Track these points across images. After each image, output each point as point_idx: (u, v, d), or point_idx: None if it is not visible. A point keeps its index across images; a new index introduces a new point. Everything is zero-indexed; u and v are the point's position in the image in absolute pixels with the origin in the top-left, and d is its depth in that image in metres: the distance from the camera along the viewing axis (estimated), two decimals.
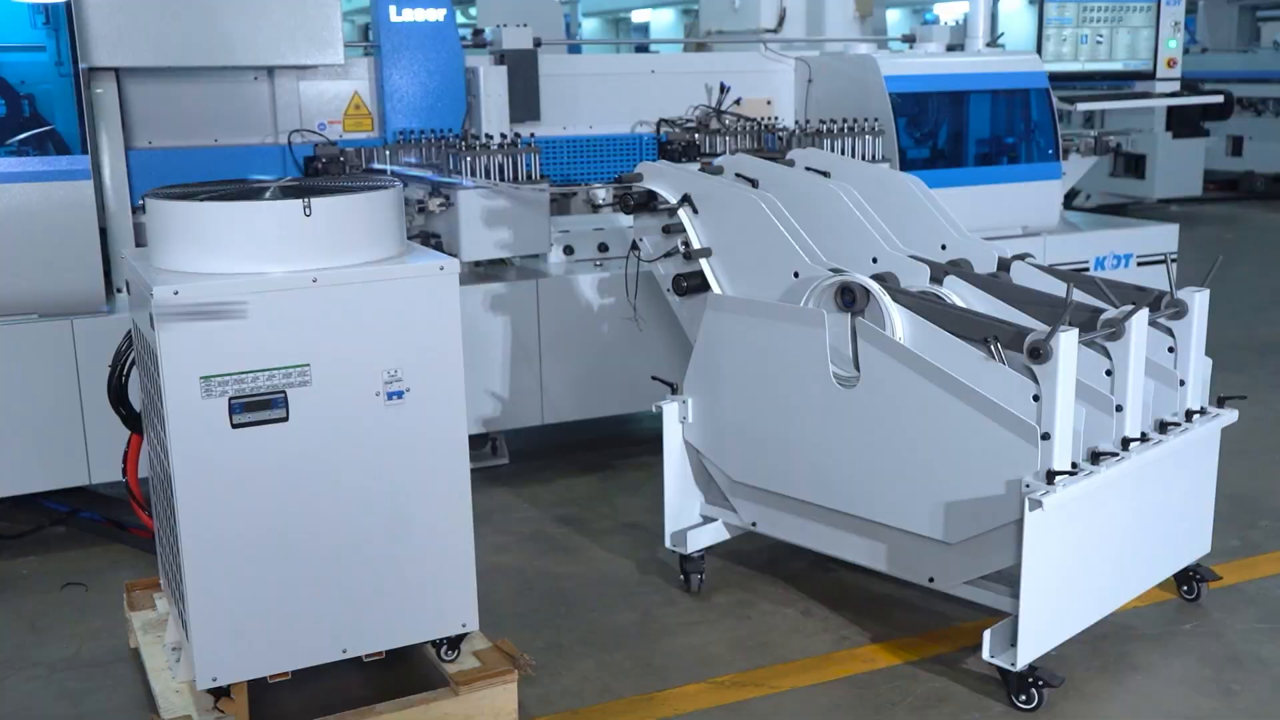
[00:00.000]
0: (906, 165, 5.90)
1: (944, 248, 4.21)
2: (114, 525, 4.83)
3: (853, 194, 4.19)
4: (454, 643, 3.47)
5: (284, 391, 3.10)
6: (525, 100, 5.70)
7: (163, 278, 3.06)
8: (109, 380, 3.87)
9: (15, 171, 4.44)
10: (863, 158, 5.77)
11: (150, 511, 3.69)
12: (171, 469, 3.06)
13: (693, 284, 4.28)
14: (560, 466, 5.68)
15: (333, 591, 3.24)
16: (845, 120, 5.88)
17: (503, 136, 5.14)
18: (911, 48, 6.89)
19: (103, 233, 4.55)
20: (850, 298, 3.70)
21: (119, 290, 4.47)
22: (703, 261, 4.18)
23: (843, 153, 5.72)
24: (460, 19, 5.33)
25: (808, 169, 4.53)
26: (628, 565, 4.57)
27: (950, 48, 6.73)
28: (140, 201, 3.45)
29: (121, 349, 3.82)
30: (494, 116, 5.57)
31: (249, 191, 3.28)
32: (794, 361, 3.84)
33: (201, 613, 3.12)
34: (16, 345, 4.53)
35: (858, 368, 3.70)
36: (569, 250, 5.55)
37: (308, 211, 3.10)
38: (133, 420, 3.90)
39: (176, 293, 2.98)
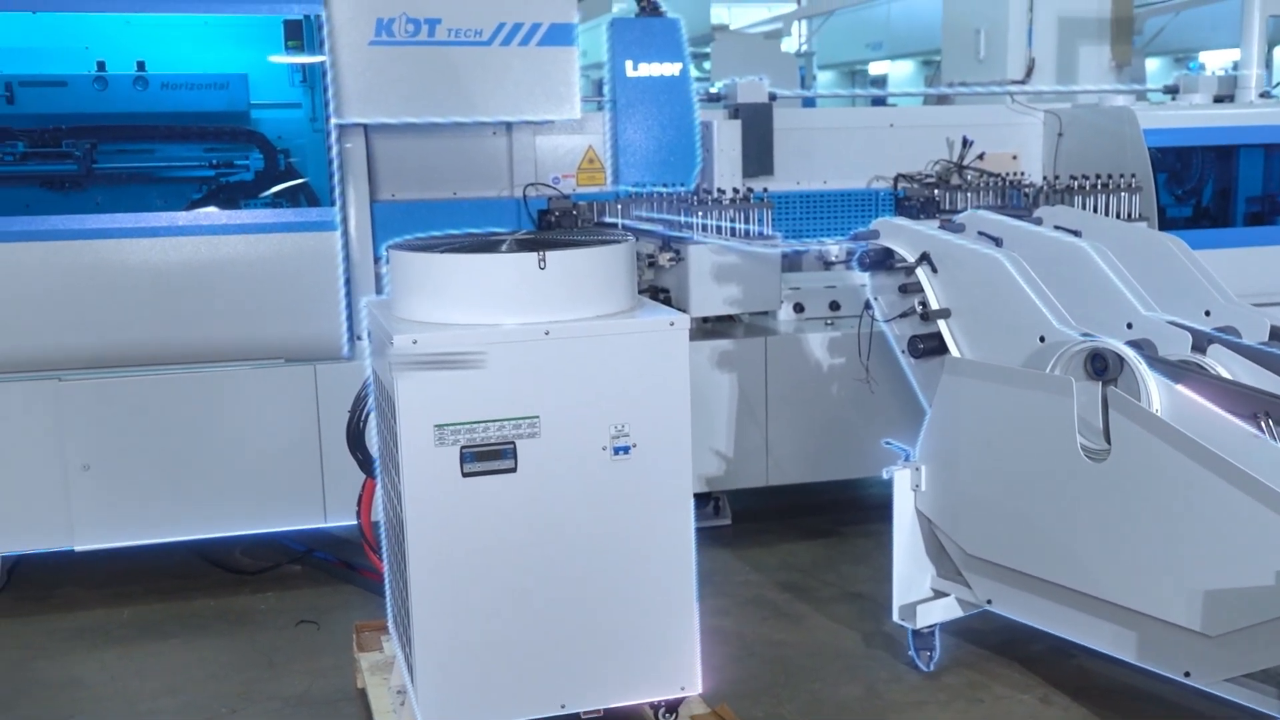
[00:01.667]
0: (1166, 225, 5.64)
1: (1208, 314, 3.99)
2: (346, 566, 5.09)
3: (1106, 254, 4.04)
4: (672, 706, 3.48)
5: (513, 442, 3.21)
6: (759, 155, 5.76)
7: (402, 327, 3.23)
8: (348, 425, 4.10)
9: (270, 222, 4.79)
10: (1117, 216, 5.55)
11: (381, 555, 3.87)
12: (404, 514, 3.21)
13: (929, 346, 4.20)
14: (784, 530, 5.64)
15: (556, 645, 3.31)
16: (1099, 176, 5.68)
17: (735, 191, 5.21)
18: (1174, 99, 6.61)
19: (345, 281, 4.85)
20: (1102, 365, 3.55)
21: (359, 338, 4.74)
22: (940, 323, 4.10)
23: (1095, 211, 5.52)
24: (694, 73, 5.44)
25: (1056, 227, 4.39)
26: (852, 637, 4.49)
27: (1218, 99, 6.42)
28: (383, 252, 3.66)
29: (361, 395, 4.05)
30: (727, 171, 5.65)
31: (486, 244, 3.43)
32: (1038, 431, 3.71)
33: (427, 658, 3.24)
34: (263, 388, 4.87)
35: (1109, 440, 3.54)
36: (799, 308, 5.55)
37: (542, 265, 3.21)
38: (368, 465, 4.11)
39: (415, 342, 3.14)
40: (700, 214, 5.07)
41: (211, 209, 5.05)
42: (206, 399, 4.83)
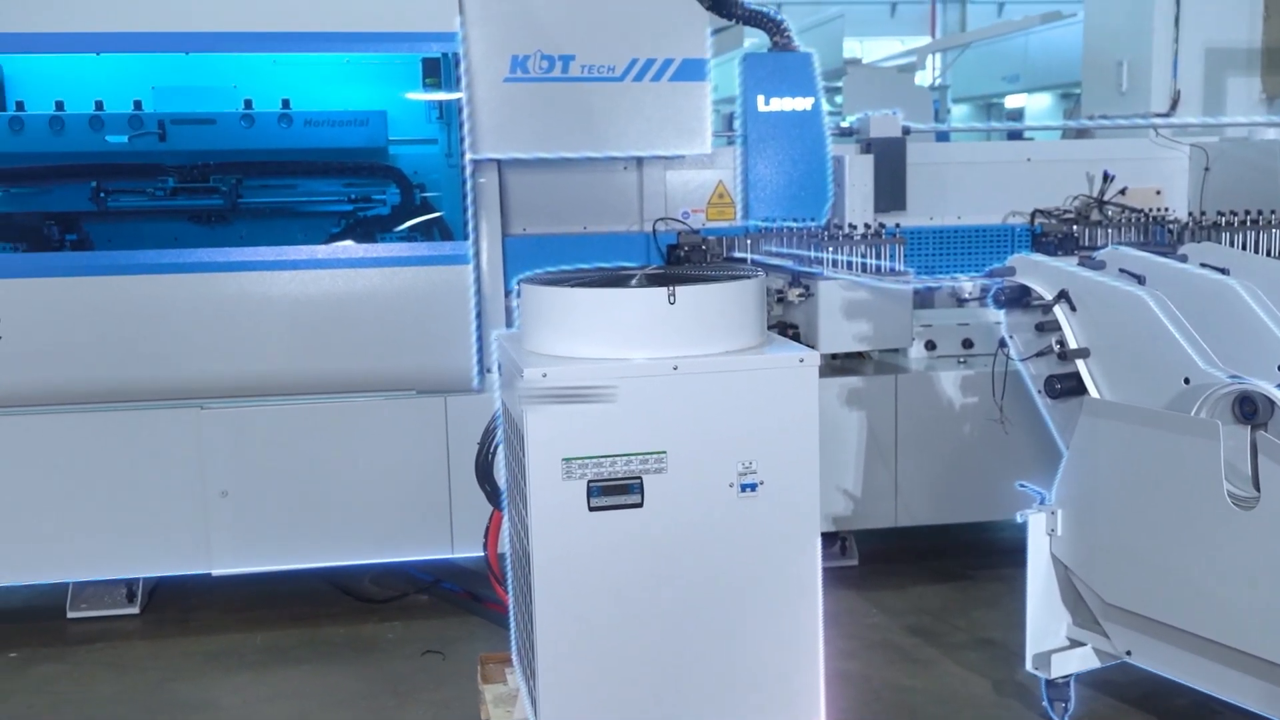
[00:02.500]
0: None
1: None
2: (471, 597, 5.17)
3: (1255, 293, 3.91)
4: None
5: (640, 477, 3.24)
6: (891, 189, 5.73)
7: (532, 360, 3.29)
8: (477, 457, 4.18)
9: (405, 256, 4.94)
10: (1268, 254, 5.37)
11: (506, 587, 3.92)
12: (531, 547, 3.26)
13: (1067, 386, 4.11)
14: (912, 572, 5.56)
15: (679, 682, 3.31)
16: (1247, 212, 5.51)
17: (866, 227, 5.19)
18: None
19: (477, 314, 4.95)
20: (1251, 409, 3.44)
21: (489, 370, 4.84)
22: (1079, 363, 4.01)
23: (1244, 248, 5.35)
24: (826, 107, 5.45)
25: (1203, 265, 4.27)
26: (983, 684, 4.39)
27: None
28: (515, 286, 3.74)
29: (490, 427, 4.12)
30: (858, 206, 5.63)
31: (616, 279, 3.48)
32: (1182, 476, 3.60)
33: (551, 692, 3.28)
34: (395, 419, 5.00)
35: (1258, 487, 3.42)
36: (931, 345, 5.49)
37: (672, 300, 3.25)
38: (496, 497, 4.18)
39: (545, 375, 3.19)
40: (831, 249, 5.06)
41: (349, 242, 5.22)
42: (340, 429, 4.97)
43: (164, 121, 5.35)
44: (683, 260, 5.34)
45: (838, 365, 5.36)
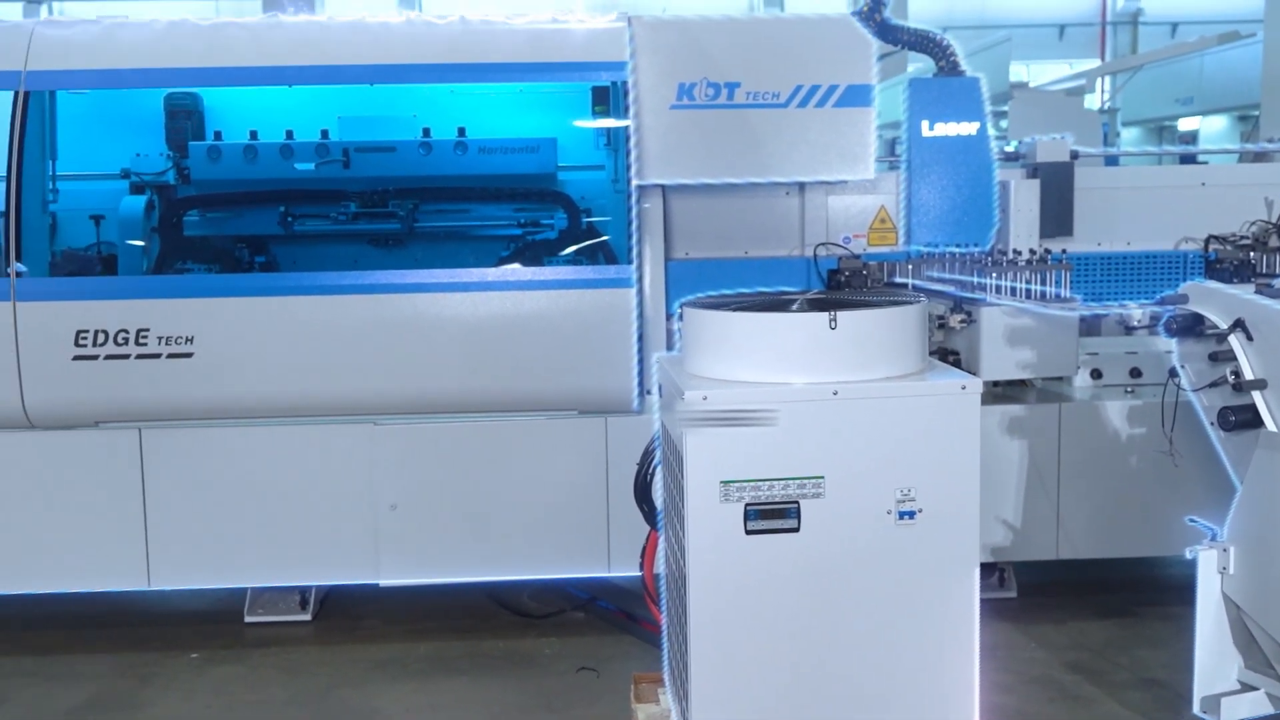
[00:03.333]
0: None
1: None
2: (627, 617, 5.19)
3: None
4: None
5: (798, 502, 3.21)
6: (1058, 215, 5.56)
7: (693, 383, 3.29)
8: (635, 477, 4.20)
9: (570, 279, 5.00)
10: None
11: (661, 607, 3.92)
12: (687, 568, 3.26)
13: (1242, 418, 3.91)
14: (1073, 606, 5.36)
15: (832, 708, 3.27)
16: None
17: (1031, 252, 5.04)
18: None
19: (638, 337, 4.98)
20: None
21: (649, 392, 4.86)
22: (1255, 394, 3.82)
23: None
24: (991, 131, 5.32)
25: None
26: None
27: None
28: (677, 309, 3.75)
29: (649, 448, 4.14)
30: (1023, 231, 5.48)
31: (777, 303, 3.46)
32: None
33: (703, 713, 3.26)
34: (557, 439, 5.06)
35: None
36: (1097, 374, 5.30)
37: (833, 325, 3.21)
38: (653, 517, 4.19)
39: (705, 398, 3.19)
40: (995, 275, 4.93)
41: (517, 265, 5.32)
42: (504, 447, 5.06)
43: (348, 149, 5.55)
44: (843, 285, 5.28)
45: (999, 393, 5.21)
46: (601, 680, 4.69)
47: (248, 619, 5.31)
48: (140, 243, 5.49)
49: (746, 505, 3.21)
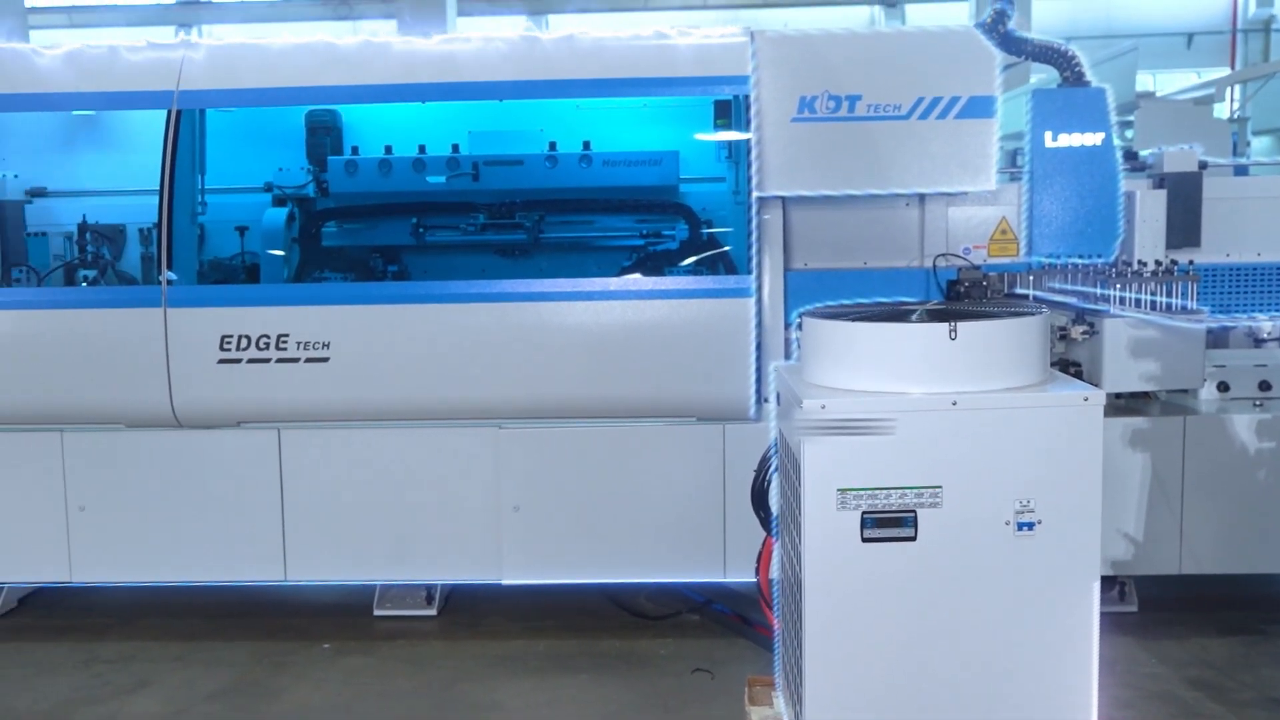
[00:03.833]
0: None
1: None
2: (742, 620, 5.17)
3: None
4: None
5: (914, 511, 3.16)
6: (1184, 225, 5.38)
7: (811, 392, 3.27)
8: (753, 484, 4.18)
9: (691, 288, 5.01)
10: None
11: (776, 612, 3.90)
12: (803, 574, 3.23)
13: None
14: (1196, 622, 5.17)
15: (947, 718, 3.20)
16: None
17: (1157, 264, 4.88)
18: None
19: (757, 346, 4.96)
20: None
21: (766, 400, 4.83)
22: None
23: None
24: (1116, 141, 5.18)
25: None
26: None
27: None
28: (795, 319, 3.72)
29: (766, 455, 4.11)
30: (1148, 242, 5.32)
31: (896, 313, 3.42)
32: None
33: (817, 718, 3.22)
34: (675, 445, 5.08)
35: None
36: (1224, 386, 5.11)
37: (953, 335, 3.16)
38: (769, 523, 4.16)
39: (823, 407, 3.16)
40: (1118, 286, 4.79)
41: (638, 275, 5.35)
42: (624, 452, 5.10)
43: (477, 163, 5.65)
44: (963, 296, 5.18)
45: (1121, 405, 5.06)
46: (716, 682, 4.68)
47: (376, 613, 5.43)
48: (281, 252, 5.66)
49: (863, 513, 3.17)
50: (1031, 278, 5.26)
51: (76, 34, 18.45)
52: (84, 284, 5.84)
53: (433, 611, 5.44)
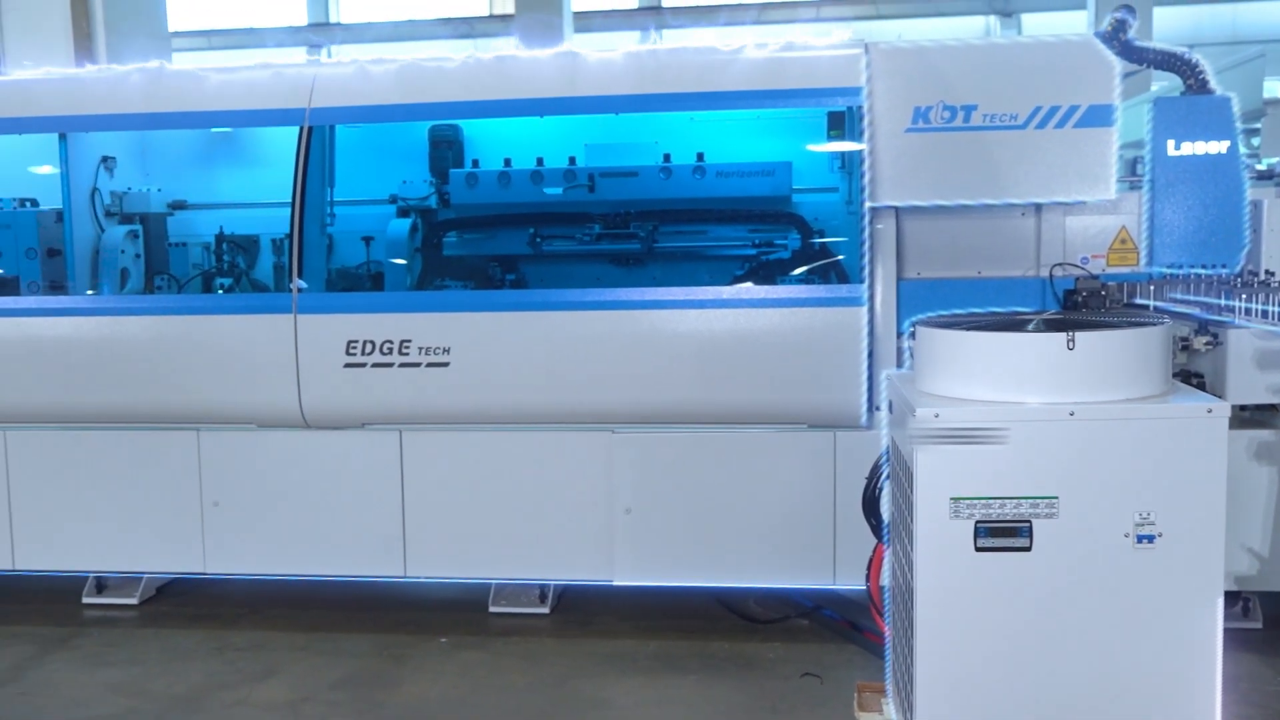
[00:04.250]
0: None
1: None
2: (851, 626, 5.10)
3: None
4: None
5: (1029, 521, 3.09)
6: None
7: (925, 401, 3.22)
8: (864, 491, 4.13)
9: (802, 297, 4.97)
10: None
11: (887, 619, 3.84)
12: (914, 582, 3.18)
13: None
14: None
15: None
16: None
17: None
18: None
19: (868, 354, 4.89)
20: None
21: (877, 408, 4.78)
22: None
23: None
24: (1241, 149, 4.98)
25: None
26: None
27: None
28: (909, 328, 3.67)
29: (878, 463, 4.06)
30: (1276, 252, 5.10)
31: (1011, 323, 3.35)
32: None
33: None
34: (786, 451, 5.03)
35: None
36: None
37: (1071, 345, 3.08)
38: (880, 530, 4.11)
39: (937, 415, 3.11)
40: (1244, 297, 4.61)
41: (750, 284, 5.33)
42: (735, 458, 5.07)
43: (593, 175, 5.69)
44: (1080, 306, 5.04)
45: (1246, 417, 4.87)
46: (825, 687, 4.62)
47: (492, 609, 5.49)
48: (404, 261, 5.77)
49: (977, 522, 3.11)
50: (1152, 288, 5.09)
51: (215, 55, 19.12)
52: (220, 291, 6.04)
53: (545, 610, 5.47)
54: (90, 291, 5.80)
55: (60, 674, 4.95)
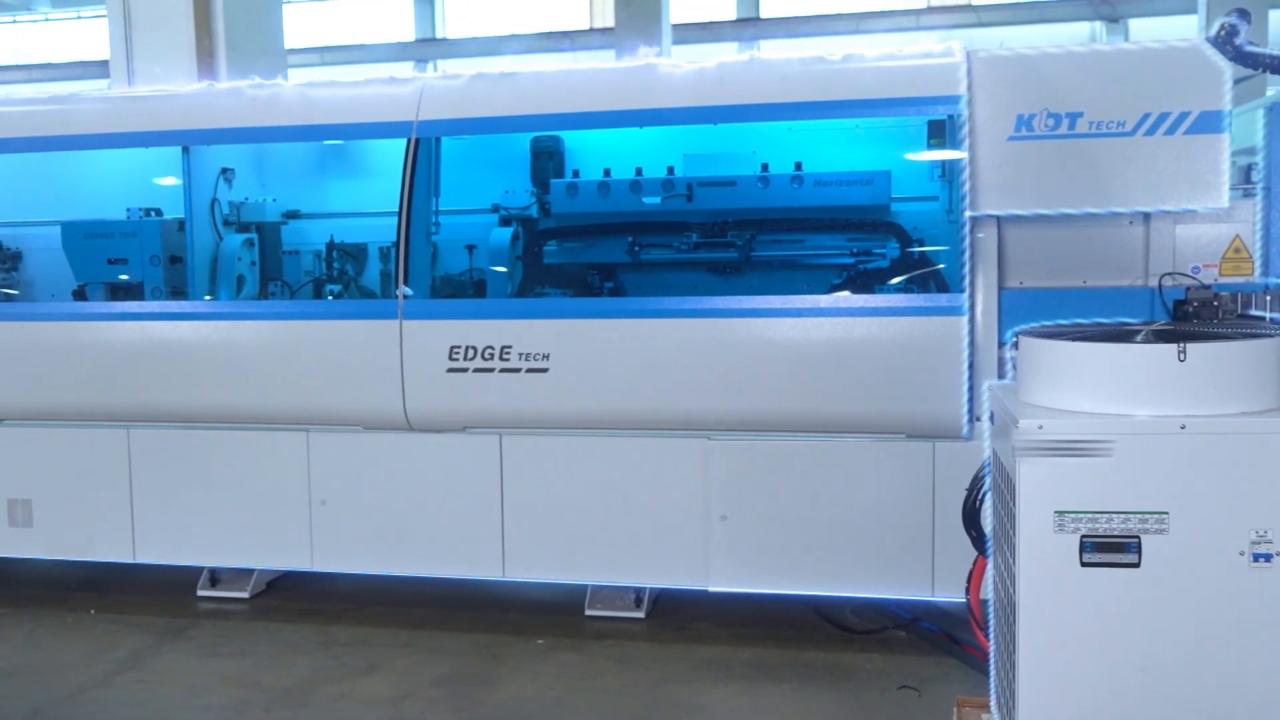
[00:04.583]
0: None
1: None
2: (950, 639, 4.97)
3: None
4: None
5: (1138, 537, 2.97)
6: None
7: (1028, 412, 3.12)
8: (964, 502, 4.02)
9: (901, 306, 4.87)
10: None
11: (987, 633, 3.73)
12: (1017, 597, 3.08)
13: None
14: None
15: None
16: None
17: None
18: None
19: (969, 364, 4.77)
20: None
21: (978, 419, 4.65)
22: None
23: None
24: None
25: None
26: None
27: None
28: (1011, 338, 3.56)
29: (978, 475, 3.95)
30: None
31: (1119, 334, 3.23)
32: None
33: None
34: (884, 461, 4.94)
35: None
36: None
37: (1182, 357, 2.95)
38: (981, 543, 3.99)
39: (1041, 427, 3.01)
40: None
41: (847, 293, 5.24)
42: (832, 467, 4.99)
43: (691, 184, 5.66)
44: (1191, 317, 4.85)
45: None
46: (923, 700, 4.51)
47: (588, 612, 5.48)
48: (505, 269, 5.81)
49: (1082, 537, 3.00)
50: (1269, 298, 4.88)
51: (327, 71, 19.55)
52: (330, 298, 6.15)
53: (641, 614, 5.45)
54: (208, 297, 5.95)
55: (177, 663, 5.07)
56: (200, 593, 5.89)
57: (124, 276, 5.94)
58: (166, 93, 5.85)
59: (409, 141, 5.30)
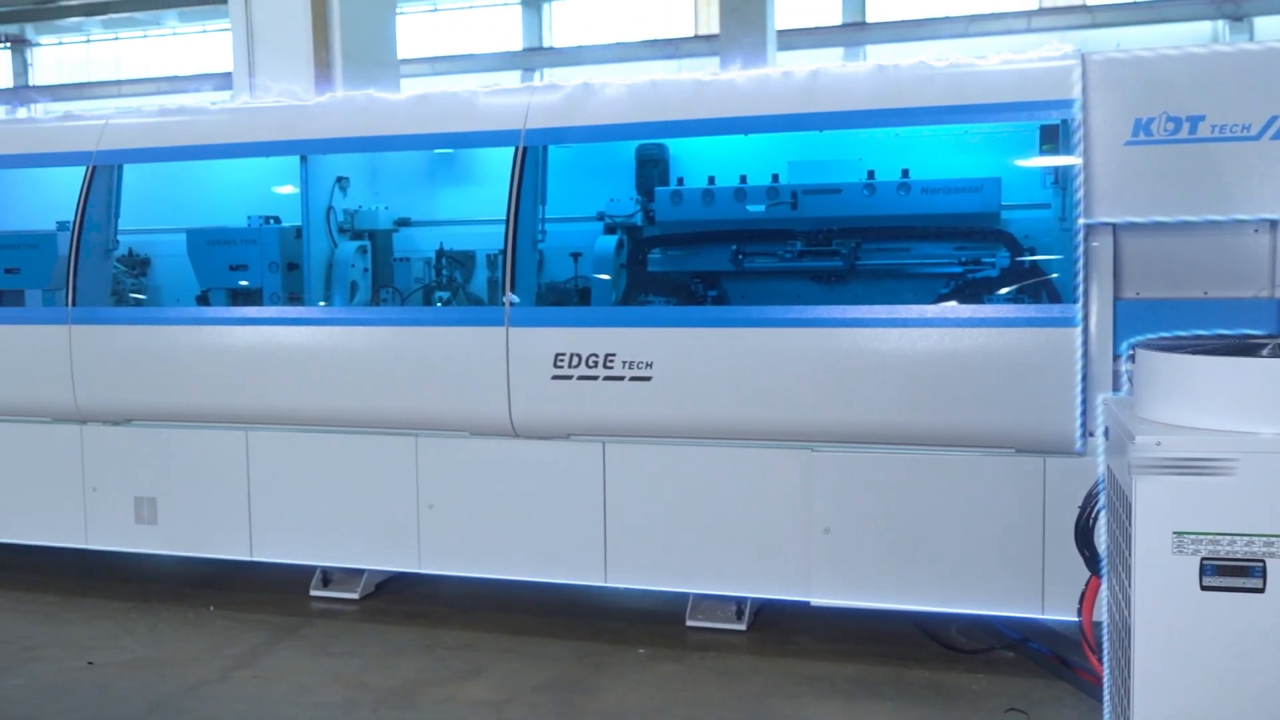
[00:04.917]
0: None
1: None
2: (1060, 662, 4.80)
3: None
4: None
5: (1263, 560, 2.83)
6: None
7: (1145, 428, 3.00)
8: (1077, 520, 3.88)
9: (1011, 317, 4.73)
10: None
11: (1100, 657, 3.59)
12: (1133, 620, 2.95)
13: None
14: None
15: None
16: None
17: None
18: None
19: (1082, 377, 4.61)
20: None
21: (1091, 434, 4.49)
22: None
23: None
24: None
25: None
26: None
27: None
28: (1128, 350, 3.42)
29: (1092, 492, 3.81)
30: None
31: (1243, 347, 3.08)
32: None
33: None
34: (992, 476, 4.79)
35: None
36: None
37: None
38: (1095, 562, 3.85)
39: (1159, 444, 2.88)
40: None
41: (956, 303, 5.12)
42: (938, 481, 4.86)
43: (796, 192, 5.59)
44: None
45: None
46: None
47: (689, 623, 5.44)
48: (609, 277, 5.81)
49: (1203, 559, 2.87)
50: None
51: (437, 80, 19.90)
52: (439, 304, 6.23)
53: (742, 626, 5.39)
54: (323, 303, 6.08)
55: (290, 661, 5.18)
56: (313, 592, 6.01)
57: (244, 282, 6.11)
58: (286, 104, 5.99)
59: (516, 150, 5.34)
